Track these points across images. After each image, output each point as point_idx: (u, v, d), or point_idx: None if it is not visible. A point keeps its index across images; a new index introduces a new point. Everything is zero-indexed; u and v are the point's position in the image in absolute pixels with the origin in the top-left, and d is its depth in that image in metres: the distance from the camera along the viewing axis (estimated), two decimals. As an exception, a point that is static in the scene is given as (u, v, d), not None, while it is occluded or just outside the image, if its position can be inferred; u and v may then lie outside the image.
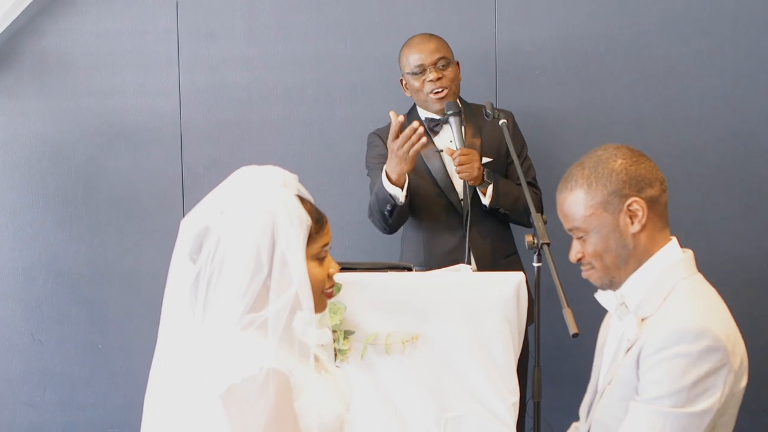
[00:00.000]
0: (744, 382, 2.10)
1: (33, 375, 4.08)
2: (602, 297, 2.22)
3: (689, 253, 2.18)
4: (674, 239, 2.18)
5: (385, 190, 3.24)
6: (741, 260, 3.92)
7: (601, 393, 2.20)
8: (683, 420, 1.99)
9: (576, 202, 2.15)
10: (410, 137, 3.13)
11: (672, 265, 2.13)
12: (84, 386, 4.08)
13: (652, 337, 2.04)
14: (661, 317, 2.07)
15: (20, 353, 4.07)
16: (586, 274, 2.21)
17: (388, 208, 3.28)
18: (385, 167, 3.26)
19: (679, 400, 1.99)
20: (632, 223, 2.11)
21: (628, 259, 2.13)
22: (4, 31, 3.87)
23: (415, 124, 3.16)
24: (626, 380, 2.09)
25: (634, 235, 2.12)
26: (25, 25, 3.94)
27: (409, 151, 3.15)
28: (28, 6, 3.86)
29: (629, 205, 2.10)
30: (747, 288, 3.91)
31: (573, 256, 2.20)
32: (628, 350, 2.11)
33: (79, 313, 4.05)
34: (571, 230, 2.18)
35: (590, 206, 2.12)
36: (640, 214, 2.11)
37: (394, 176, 3.23)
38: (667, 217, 2.18)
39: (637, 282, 2.15)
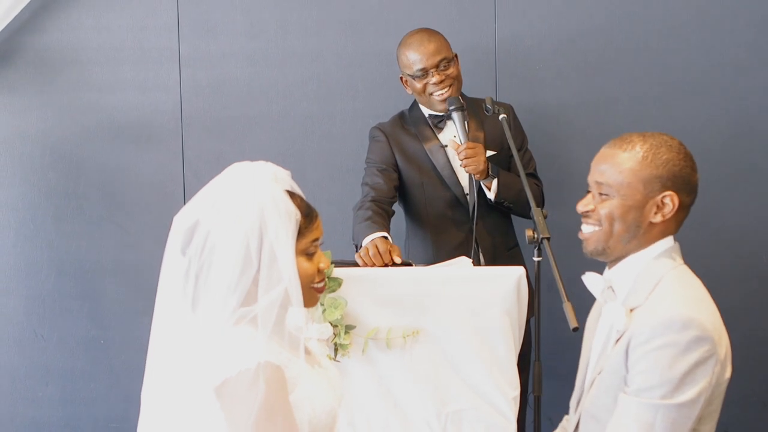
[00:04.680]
0: (729, 373, 2.12)
1: (35, 370, 4.09)
2: (589, 280, 2.23)
3: (677, 244, 2.21)
4: (672, 237, 2.20)
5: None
6: (742, 254, 3.92)
7: (590, 384, 2.20)
8: (673, 412, 2.00)
9: (622, 164, 2.15)
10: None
11: (660, 254, 2.16)
12: (86, 381, 4.09)
13: (641, 327, 2.05)
14: (650, 307, 2.08)
15: (22, 348, 4.08)
16: (586, 233, 2.21)
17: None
18: (367, 241, 3.10)
19: (668, 391, 2.00)
20: (656, 213, 2.14)
21: (632, 239, 2.16)
22: (5, 27, 3.87)
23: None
24: (615, 370, 2.10)
25: (651, 223, 2.15)
26: (26, 22, 3.95)
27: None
28: (30, 2, 3.86)
29: (664, 197, 2.13)
30: (748, 281, 3.91)
31: (582, 206, 2.21)
32: (617, 341, 2.12)
33: (81, 308, 4.06)
34: (598, 183, 2.18)
35: (633, 175, 2.13)
36: (668, 209, 2.14)
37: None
38: (681, 223, 2.21)
39: (627, 269, 2.17)
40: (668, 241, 2.18)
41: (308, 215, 1.99)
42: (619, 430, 2.05)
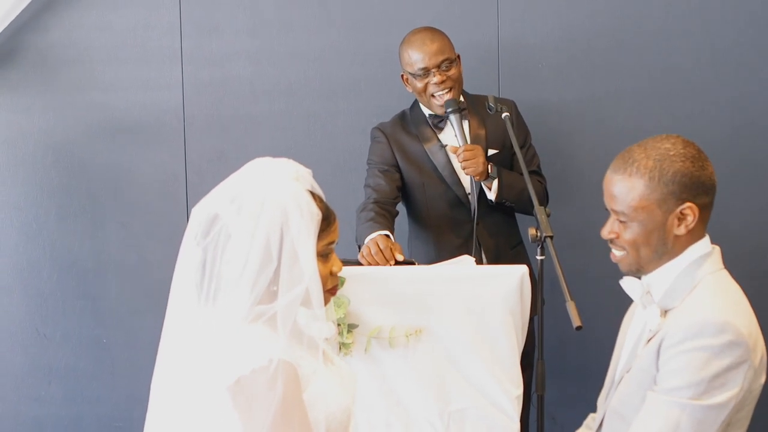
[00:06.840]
0: (763, 380, 2.10)
1: (37, 369, 4.09)
2: (627, 284, 2.21)
3: (717, 248, 2.18)
4: (707, 236, 2.17)
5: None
6: (743, 253, 3.91)
7: (619, 381, 2.19)
8: (700, 412, 1.99)
9: (631, 189, 2.10)
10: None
11: (699, 258, 2.13)
12: (88, 380, 4.09)
13: (675, 328, 2.04)
14: (685, 309, 2.06)
15: (25, 348, 4.08)
16: (617, 256, 2.19)
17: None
18: (369, 241, 3.08)
19: (698, 392, 1.99)
20: (679, 225, 2.10)
21: (663, 255, 2.13)
22: (7, 27, 3.87)
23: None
24: (645, 369, 2.09)
25: (677, 236, 2.11)
26: (28, 21, 3.95)
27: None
28: (32, 1, 3.86)
29: (683, 209, 2.09)
30: (750, 281, 3.89)
31: (606, 233, 2.18)
32: (650, 340, 2.11)
33: (84, 307, 4.06)
34: (614, 210, 2.15)
35: (645, 199, 2.09)
36: (690, 219, 2.10)
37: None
38: (708, 220, 2.17)
39: (665, 272, 2.15)
40: (706, 246, 2.15)
41: (327, 218, 1.99)
42: (644, 426, 2.04)
